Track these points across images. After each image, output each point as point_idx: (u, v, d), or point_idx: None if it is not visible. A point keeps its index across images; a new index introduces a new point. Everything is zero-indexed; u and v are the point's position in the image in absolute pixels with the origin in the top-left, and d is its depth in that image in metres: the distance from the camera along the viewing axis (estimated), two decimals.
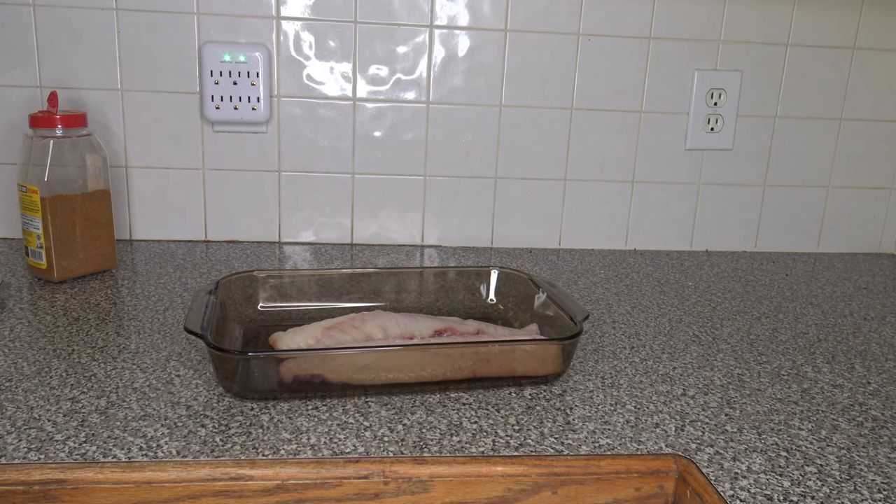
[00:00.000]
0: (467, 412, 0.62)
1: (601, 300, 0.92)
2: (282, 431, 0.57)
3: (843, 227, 1.22)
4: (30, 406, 0.60)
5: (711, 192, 1.18)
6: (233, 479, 0.52)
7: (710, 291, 0.98)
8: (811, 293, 1.00)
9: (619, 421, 0.62)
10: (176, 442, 0.55)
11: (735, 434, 0.60)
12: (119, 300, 0.85)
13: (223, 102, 1.03)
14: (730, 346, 0.80)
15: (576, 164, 1.14)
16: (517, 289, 0.82)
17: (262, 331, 0.75)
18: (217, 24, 1.03)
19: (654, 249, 1.19)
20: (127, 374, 0.66)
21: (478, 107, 1.10)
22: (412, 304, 0.83)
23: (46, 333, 0.74)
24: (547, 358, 0.66)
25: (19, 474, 0.51)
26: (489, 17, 1.07)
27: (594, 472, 0.56)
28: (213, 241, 1.10)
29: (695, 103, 1.13)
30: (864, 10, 1.13)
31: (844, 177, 1.20)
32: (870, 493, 0.53)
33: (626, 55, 1.10)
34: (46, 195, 0.85)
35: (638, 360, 0.74)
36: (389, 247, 1.13)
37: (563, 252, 1.15)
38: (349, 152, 1.09)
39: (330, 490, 0.53)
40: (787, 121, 1.16)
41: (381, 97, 1.08)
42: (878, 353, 0.80)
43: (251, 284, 0.79)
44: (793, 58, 1.14)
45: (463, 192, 1.13)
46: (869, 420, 0.64)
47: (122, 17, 1.01)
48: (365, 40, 1.06)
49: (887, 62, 1.16)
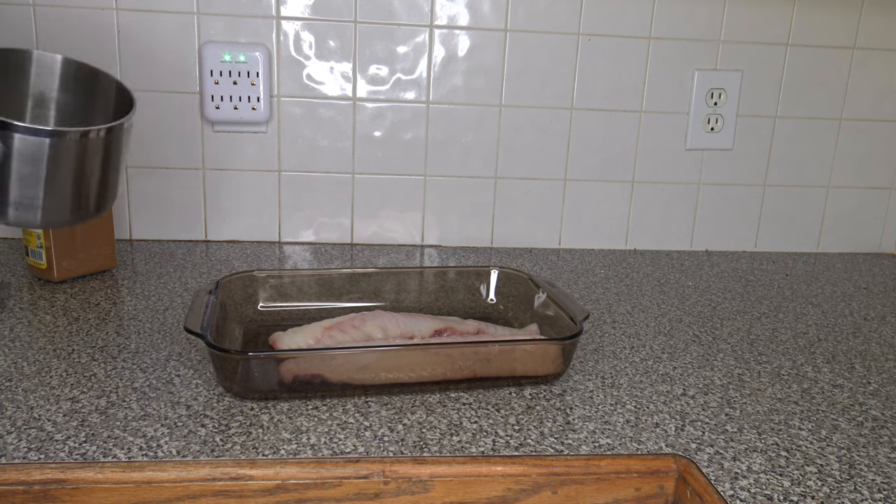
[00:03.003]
0: (467, 412, 0.62)
1: (601, 300, 0.92)
2: (282, 431, 0.57)
3: (843, 227, 1.22)
4: (30, 406, 0.60)
5: (711, 192, 1.18)
6: (233, 479, 0.52)
7: (710, 291, 0.98)
8: (811, 293, 1.00)
9: (619, 421, 0.62)
10: (176, 442, 0.55)
11: (735, 434, 0.60)
12: (119, 300, 0.85)
13: (223, 102, 1.03)
14: (730, 346, 0.80)
15: (576, 164, 1.14)
16: (517, 289, 0.82)
17: (262, 331, 0.75)
18: (217, 24, 1.03)
19: (654, 249, 1.19)
20: (127, 374, 0.66)
21: (478, 107, 1.10)
22: (412, 304, 0.83)
23: (46, 333, 0.74)
24: (547, 358, 0.66)
25: (19, 474, 0.51)
26: (489, 17, 1.07)
27: (594, 472, 0.56)
28: (213, 241, 1.11)
29: (695, 103, 1.13)
30: (864, 10, 1.13)
31: (844, 177, 1.20)
32: (870, 493, 0.53)
33: (626, 55, 1.10)
34: None
35: (638, 360, 0.74)
36: (389, 247, 1.13)
37: (563, 252, 1.15)
38: (349, 152, 1.09)
39: (330, 490, 0.53)
40: (787, 121, 1.16)
41: (381, 97, 1.08)
42: (878, 353, 0.80)
43: (251, 284, 0.79)
44: (793, 58, 1.14)
45: (463, 192, 1.13)
46: (869, 420, 0.64)
47: (122, 17, 1.01)
48: (365, 40, 1.06)
49: (887, 62, 1.16)
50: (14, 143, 0.57)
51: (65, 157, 0.60)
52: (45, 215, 0.63)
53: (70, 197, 0.63)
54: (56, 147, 0.59)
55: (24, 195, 0.60)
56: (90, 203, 0.65)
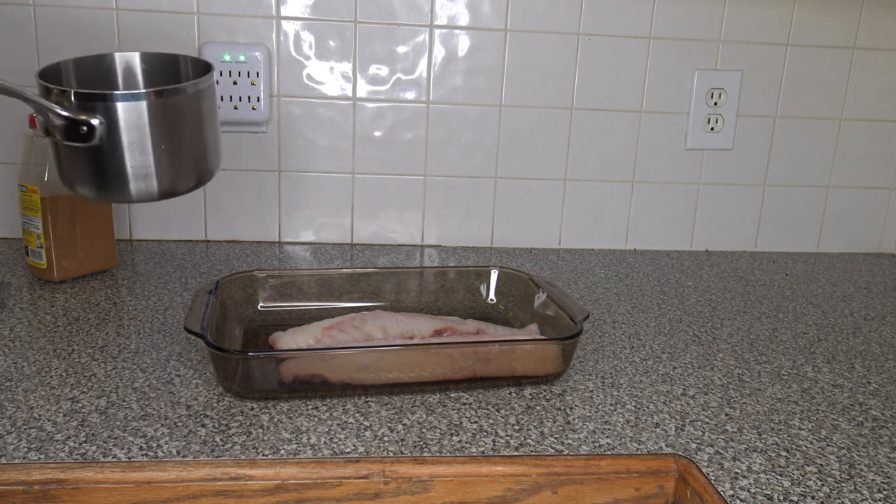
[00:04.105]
0: (467, 412, 0.62)
1: (601, 300, 0.92)
2: (282, 431, 0.57)
3: (843, 227, 1.22)
4: (30, 406, 0.60)
5: (711, 192, 1.18)
6: (233, 479, 0.52)
7: (710, 291, 0.98)
8: (811, 293, 1.00)
9: (619, 421, 0.62)
10: (176, 442, 0.55)
11: (735, 434, 0.60)
12: (119, 300, 0.85)
13: (223, 102, 1.03)
14: (730, 346, 0.80)
15: (576, 164, 1.14)
16: (517, 289, 0.82)
17: (262, 331, 0.75)
18: (217, 24, 1.03)
19: (654, 249, 1.19)
20: (127, 374, 0.66)
21: (478, 107, 1.10)
22: (412, 304, 0.83)
23: (46, 333, 0.74)
24: (547, 358, 0.66)
25: (19, 474, 0.51)
26: (489, 17, 1.07)
27: (594, 471, 0.56)
28: (213, 241, 1.10)
29: (695, 103, 1.13)
30: (864, 10, 1.13)
31: (844, 177, 1.20)
32: (870, 493, 0.53)
33: (626, 55, 1.10)
34: (46, 195, 0.85)
35: (638, 360, 0.74)
36: (389, 247, 1.13)
37: (563, 252, 1.15)
38: (349, 152, 1.09)
39: (330, 490, 0.53)
40: (787, 121, 1.16)
41: (381, 97, 1.08)
42: (878, 353, 0.80)
43: (251, 284, 0.79)
44: (793, 58, 1.14)
45: (463, 192, 1.13)
46: (869, 420, 0.64)
47: (122, 17, 1.01)
48: (365, 40, 1.06)
49: (887, 62, 1.16)
50: (117, 113, 0.62)
51: (164, 117, 0.64)
52: (161, 183, 0.66)
53: (179, 159, 0.67)
54: (154, 107, 0.63)
55: (136, 165, 0.64)
56: (198, 165, 0.69)
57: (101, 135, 0.62)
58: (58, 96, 0.62)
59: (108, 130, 0.62)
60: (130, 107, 0.62)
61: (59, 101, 0.62)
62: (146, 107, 0.63)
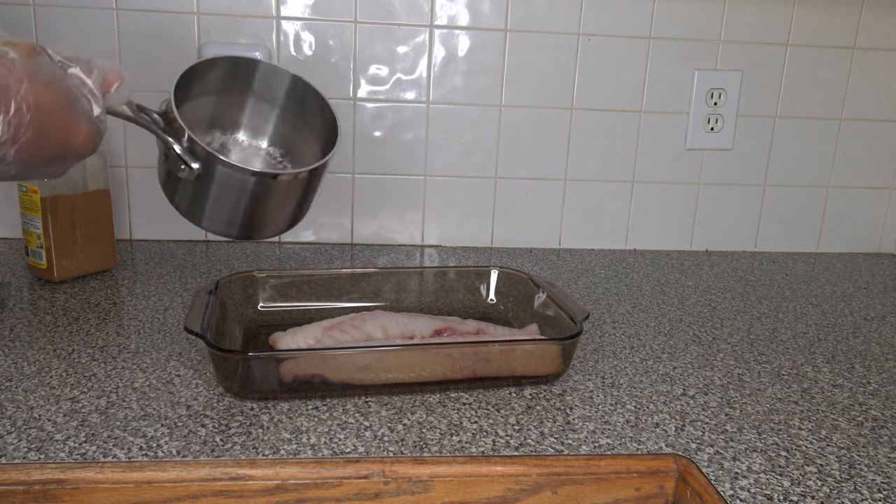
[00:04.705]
0: (467, 412, 0.62)
1: (601, 300, 0.92)
2: (282, 431, 0.57)
3: (843, 227, 1.22)
4: (30, 406, 0.60)
5: (711, 192, 1.18)
6: (233, 479, 0.52)
7: (710, 291, 0.98)
8: (811, 293, 1.00)
9: (619, 421, 0.62)
10: (176, 442, 0.55)
11: (735, 434, 0.60)
12: (119, 300, 0.85)
13: None
14: (730, 346, 0.80)
15: (576, 164, 1.14)
16: (517, 289, 0.82)
17: (262, 331, 0.75)
18: (217, 24, 1.03)
19: (654, 249, 1.19)
20: (127, 374, 0.66)
21: (478, 107, 1.10)
22: (412, 304, 0.83)
23: (46, 333, 0.74)
24: (547, 358, 0.66)
25: (19, 474, 0.51)
26: (489, 17, 1.07)
27: (594, 471, 0.56)
28: (213, 241, 1.10)
29: (695, 103, 1.13)
30: (864, 10, 1.13)
31: (844, 177, 1.20)
32: (870, 493, 0.53)
33: (626, 55, 1.10)
34: (46, 195, 0.85)
35: (638, 360, 0.74)
36: (389, 247, 1.13)
37: (563, 252, 1.15)
38: (349, 152, 1.09)
39: (330, 490, 0.53)
40: (787, 121, 1.16)
41: (381, 97, 1.08)
42: (878, 353, 0.80)
43: (251, 284, 0.79)
44: (793, 58, 1.14)
45: (463, 192, 1.13)
46: (869, 420, 0.64)
47: (122, 17, 1.01)
48: (365, 40, 1.06)
49: (887, 62, 1.16)
50: (214, 173, 0.62)
51: (260, 192, 0.64)
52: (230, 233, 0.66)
53: (259, 222, 0.67)
54: (254, 184, 0.63)
55: (213, 214, 0.65)
56: (274, 227, 0.69)
57: (194, 177, 0.62)
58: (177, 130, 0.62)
59: (203, 178, 0.62)
60: (228, 174, 0.62)
61: (175, 135, 0.62)
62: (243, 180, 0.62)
